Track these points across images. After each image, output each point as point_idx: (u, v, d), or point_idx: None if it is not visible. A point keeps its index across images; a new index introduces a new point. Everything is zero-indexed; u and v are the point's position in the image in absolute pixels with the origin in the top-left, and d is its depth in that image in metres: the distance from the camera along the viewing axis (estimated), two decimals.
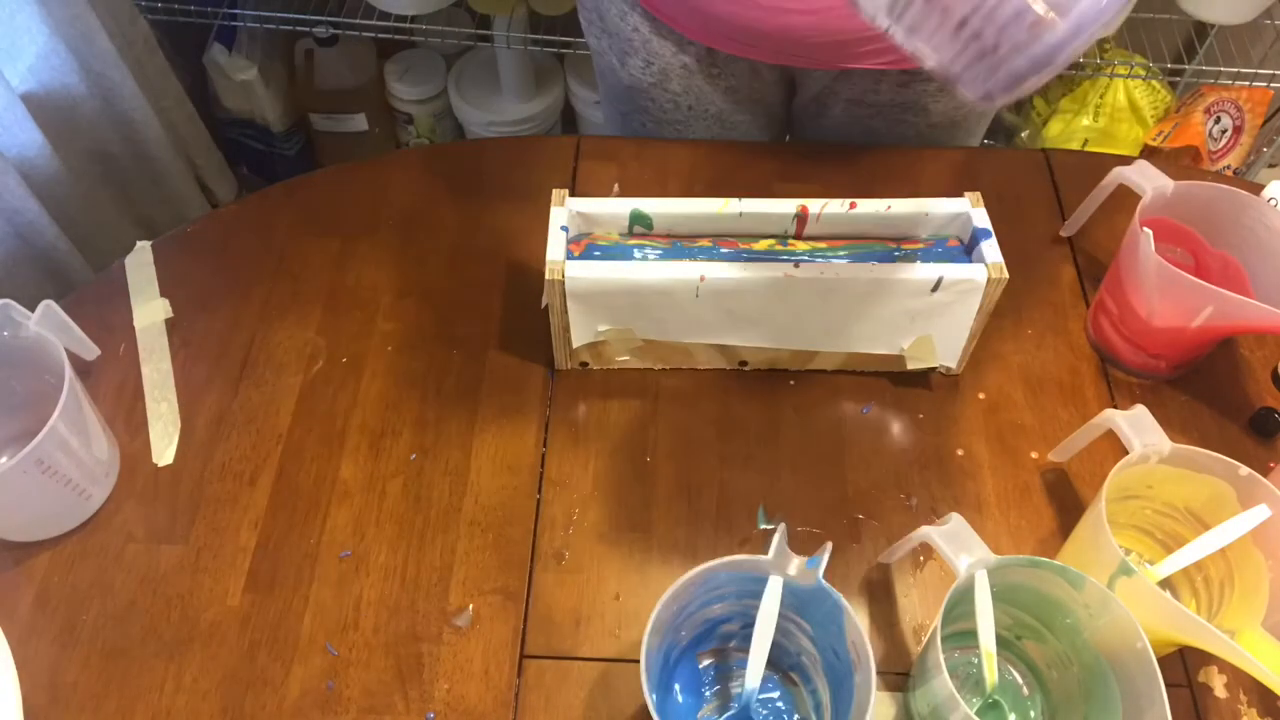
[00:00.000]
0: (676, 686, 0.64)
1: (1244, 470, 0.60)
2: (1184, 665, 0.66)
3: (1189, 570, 0.65)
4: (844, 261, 0.71)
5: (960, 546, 0.58)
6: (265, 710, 0.63)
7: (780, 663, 0.64)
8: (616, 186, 0.90)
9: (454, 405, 0.77)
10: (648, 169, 0.92)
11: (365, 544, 0.70)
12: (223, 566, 0.69)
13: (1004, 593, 0.60)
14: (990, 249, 0.70)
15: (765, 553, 0.57)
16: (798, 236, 0.74)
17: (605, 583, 0.69)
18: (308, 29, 1.50)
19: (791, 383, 0.78)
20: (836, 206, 0.73)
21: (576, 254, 0.71)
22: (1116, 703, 0.56)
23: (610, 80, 0.97)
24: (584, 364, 0.78)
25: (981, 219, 0.72)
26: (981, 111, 0.95)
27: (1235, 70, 1.41)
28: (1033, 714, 0.63)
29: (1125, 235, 0.75)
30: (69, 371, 0.65)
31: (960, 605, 0.59)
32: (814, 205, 0.73)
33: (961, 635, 0.64)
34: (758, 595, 0.56)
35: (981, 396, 0.78)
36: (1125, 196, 0.79)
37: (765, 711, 0.63)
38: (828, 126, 0.95)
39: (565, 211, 0.72)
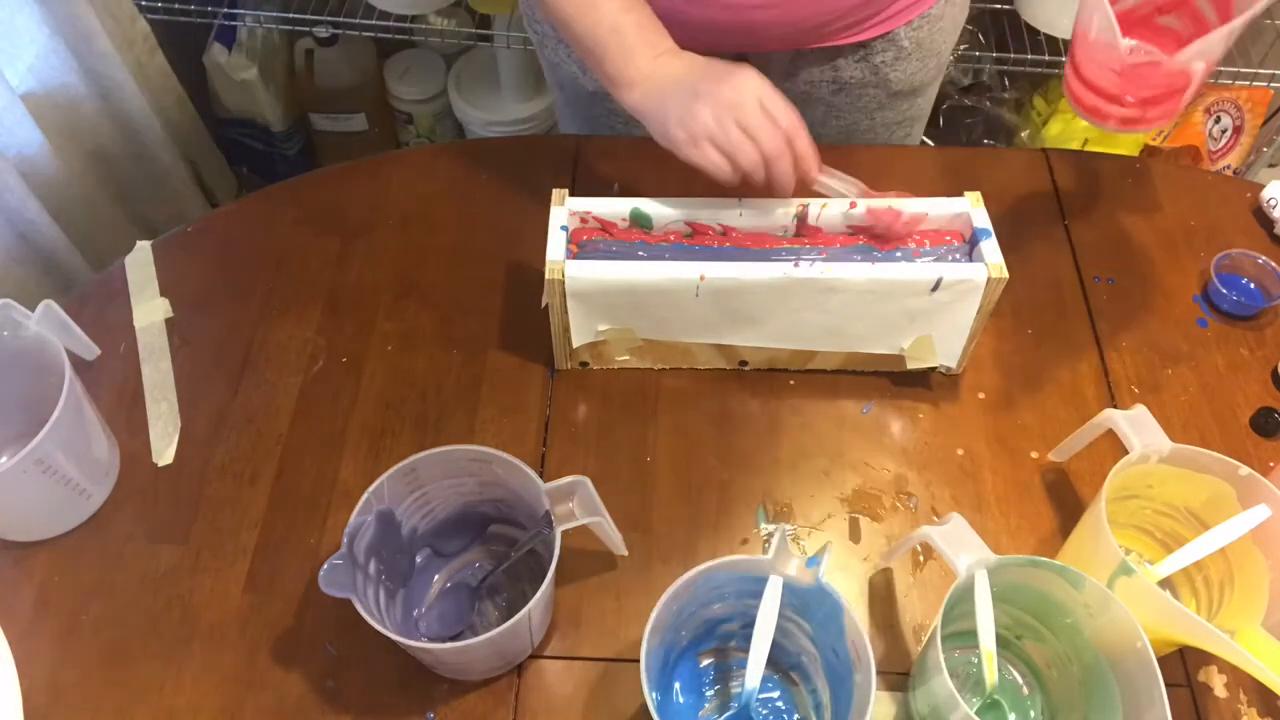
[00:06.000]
0: (676, 686, 0.64)
1: (1244, 470, 0.60)
2: (1184, 665, 0.66)
3: (1189, 570, 0.65)
4: (843, 261, 0.71)
5: (960, 546, 0.58)
6: (265, 710, 0.63)
7: (780, 663, 0.64)
8: (616, 186, 0.90)
9: (454, 405, 0.77)
10: (648, 169, 0.91)
11: None
12: (223, 566, 0.69)
13: (1004, 593, 0.60)
14: (990, 249, 0.70)
15: (765, 553, 0.57)
16: (797, 236, 0.74)
17: (605, 583, 0.69)
18: (308, 29, 1.50)
19: (791, 382, 0.78)
20: (836, 206, 0.73)
21: (576, 251, 0.71)
22: (1116, 703, 0.56)
23: (572, 90, 0.96)
24: (584, 364, 0.78)
25: (981, 219, 0.72)
26: (934, 75, 0.95)
27: (1235, 70, 1.41)
28: (1033, 714, 0.63)
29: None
30: (69, 371, 0.65)
31: (960, 605, 0.59)
32: (814, 205, 0.73)
33: (961, 635, 0.64)
34: (758, 595, 0.56)
35: (981, 396, 0.78)
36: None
37: (765, 711, 0.63)
38: (794, 99, 0.96)
39: (565, 211, 0.72)
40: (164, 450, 0.74)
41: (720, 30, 0.81)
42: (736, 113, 0.67)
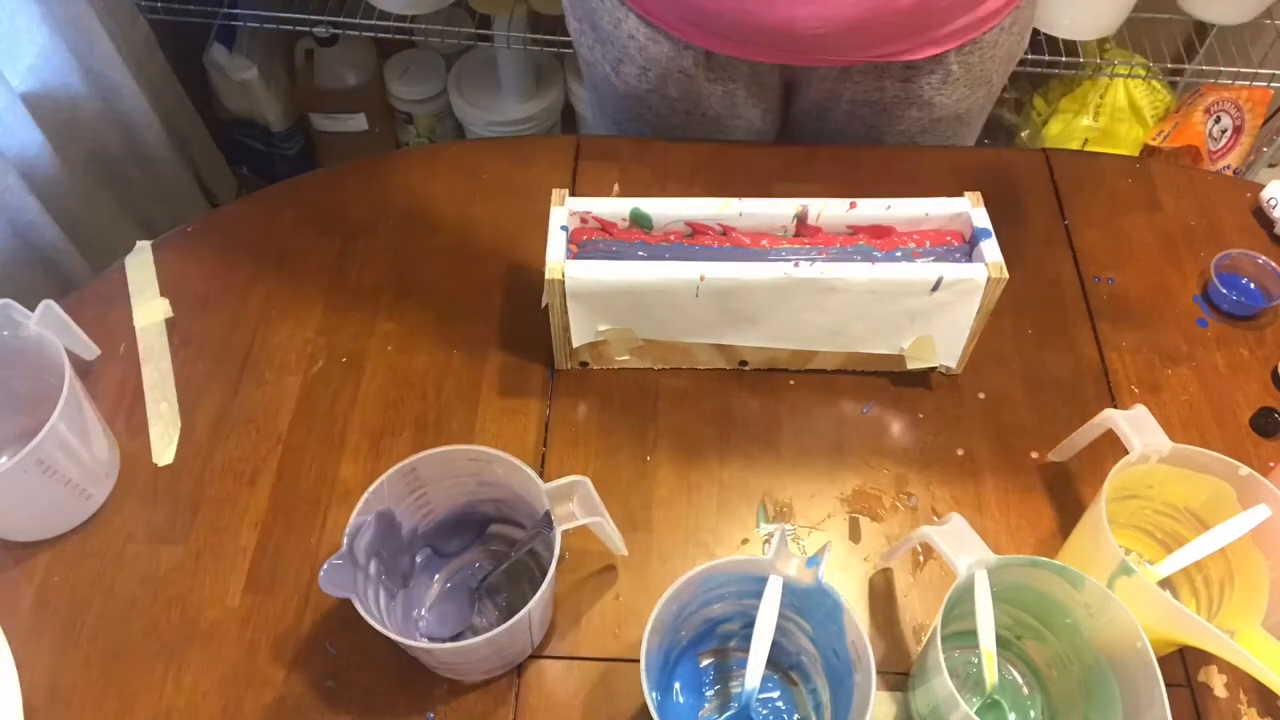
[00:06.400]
0: (676, 686, 0.64)
1: (1244, 470, 0.61)
2: (1184, 665, 0.66)
3: (1189, 570, 0.65)
4: (843, 261, 0.71)
5: (960, 546, 0.58)
6: (265, 710, 0.63)
7: (780, 663, 0.64)
8: (616, 186, 0.90)
9: (454, 405, 0.77)
10: (648, 169, 0.92)
11: None
12: (223, 566, 0.69)
13: (1004, 593, 0.60)
14: (990, 249, 0.70)
15: (765, 553, 0.57)
16: (797, 236, 0.74)
17: (605, 583, 0.69)
18: (308, 29, 1.50)
19: (791, 382, 0.78)
20: (836, 206, 0.73)
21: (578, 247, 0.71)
22: (1116, 703, 0.56)
23: (605, 90, 0.96)
24: (584, 364, 0.78)
25: (981, 219, 0.72)
26: (983, 104, 0.95)
27: (1235, 70, 1.41)
28: (1033, 714, 0.63)
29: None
30: (69, 371, 0.65)
31: (960, 605, 0.59)
32: (814, 205, 0.73)
33: (961, 635, 0.64)
34: (758, 595, 0.56)
35: (981, 396, 0.78)
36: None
37: (765, 711, 0.63)
38: (830, 128, 0.95)
39: (565, 211, 0.72)
40: (164, 450, 0.74)
41: (760, 30, 0.80)
42: None
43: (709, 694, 0.64)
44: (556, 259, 0.69)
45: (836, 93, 0.90)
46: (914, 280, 0.69)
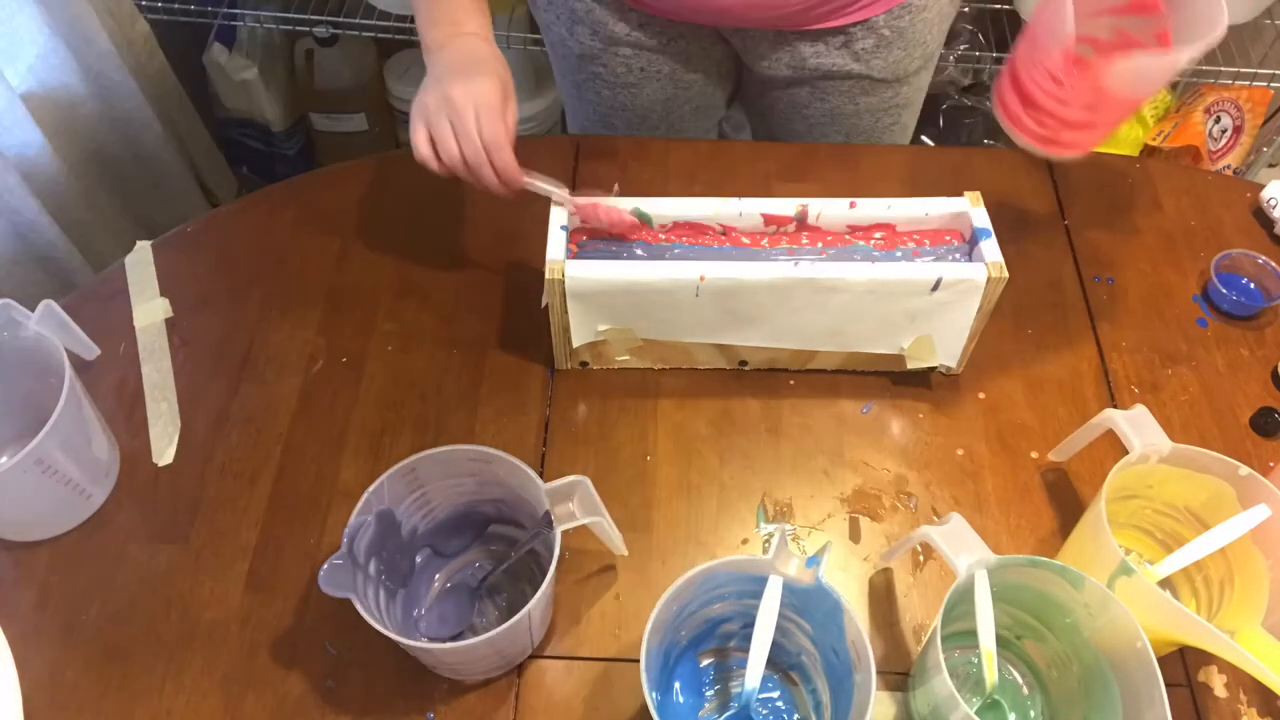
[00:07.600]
0: (676, 686, 0.64)
1: (1244, 470, 0.61)
2: (1184, 665, 0.66)
3: (1189, 570, 0.65)
4: (843, 261, 0.71)
5: (960, 546, 0.58)
6: (265, 710, 0.63)
7: (780, 662, 0.64)
8: (616, 186, 0.90)
9: (454, 405, 0.77)
10: (648, 169, 0.92)
11: None
12: (223, 566, 0.69)
13: (1004, 593, 0.60)
14: (990, 249, 0.70)
15: (765, 553, 0.57)
16: (797, 236, 0.74)
17: (605, 583, 0.69)
18: (308, 29, 1.50)
19: (791, 382, 0.78)
20: (836, 206, 0.73)
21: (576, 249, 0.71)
22: (1116, 702, 0.56)
23: (562, 51, 0.98)
24: (584, 364, 0.78)
25: (981, 219, 0.72)
26: (920, 65, 0.95)
27: (1235, 70, 1.41)
28: (1033, 714, 0.63)
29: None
30: (69, 371, 0.65)
31: (960, 605, 0.59)
32: (814, 205, 0.73)
33: (961, 635, 0.64)
34: (758, 595, 0.56)
35: (981, 396, 0.78)
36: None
37: (765, 711, 0.63)
38: (777, 89, 0.96)
39: (565, 211, 0.72)
40: (164, 450, 0.74)
41: (690, 8, 0.83)
42: (450, 109, 0.71)
43: (709, 694, 0.64)
44: (556, 259, 0.69)
45: (776, 55, 0.91)
46: (914, 280, 0.69)
